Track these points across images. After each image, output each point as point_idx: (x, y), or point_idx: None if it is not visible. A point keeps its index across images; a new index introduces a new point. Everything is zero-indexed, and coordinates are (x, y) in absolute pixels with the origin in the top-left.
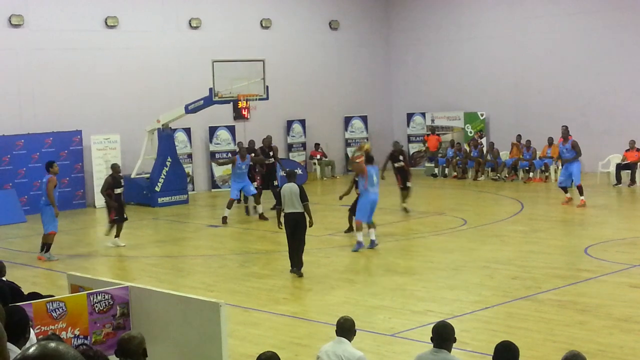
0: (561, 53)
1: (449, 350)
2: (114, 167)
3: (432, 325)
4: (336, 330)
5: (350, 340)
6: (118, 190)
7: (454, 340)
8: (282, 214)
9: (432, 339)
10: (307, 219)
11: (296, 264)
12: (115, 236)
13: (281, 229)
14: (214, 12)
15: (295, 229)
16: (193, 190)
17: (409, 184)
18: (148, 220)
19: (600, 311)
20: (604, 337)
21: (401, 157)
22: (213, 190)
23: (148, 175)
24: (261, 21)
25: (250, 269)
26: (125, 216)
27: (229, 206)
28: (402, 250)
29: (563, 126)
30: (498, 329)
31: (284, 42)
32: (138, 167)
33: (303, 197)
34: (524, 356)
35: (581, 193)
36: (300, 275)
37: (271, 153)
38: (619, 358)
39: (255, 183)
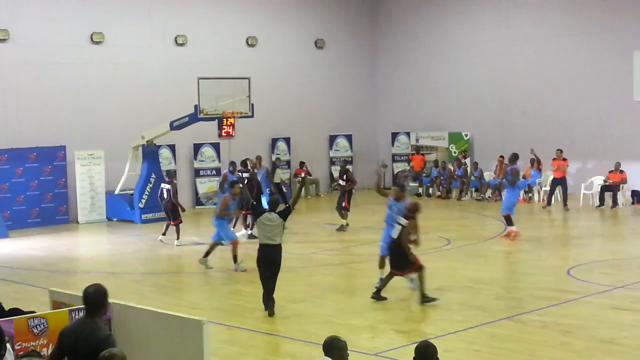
0: (546, 74)
1: None
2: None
3: (414, 345)
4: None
5: None
6: None
7: None
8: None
9: (414, 359)
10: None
11: (268, 303)
12: (177, 238)
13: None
14: (201, 29)
15: (273, 263)
16: None
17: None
18: (132, 236)
19: (583, 332)
20: (586, 358)
21: (344, 177)
22: (197, 207)
23: (132, 191)
24: (247, 39)
25: (234, 287)
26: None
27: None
28: (386, 269)
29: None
30: (481, 349)
31: (270, 60)
32: (122, 183)
33: (285, 215)
34: None
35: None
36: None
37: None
38: None
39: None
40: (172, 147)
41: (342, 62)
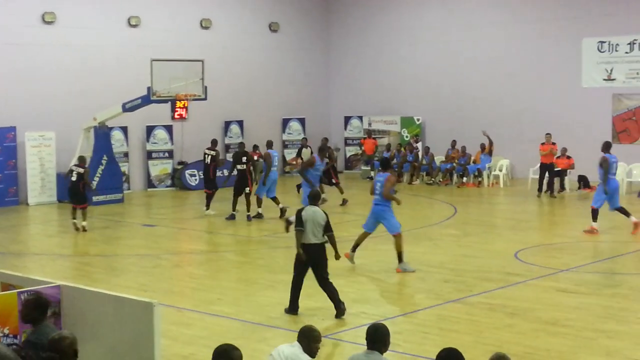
0: (497, 61)
1: (382, 352)
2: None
3: (365, 327)
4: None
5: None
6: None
7: (388, 343)
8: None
9: (366, 340)
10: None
11: (339, 306)
12: (84, 220)
13: (301, 259)
14: (154, 10)
15: (316, 263)
16: (129, 189)
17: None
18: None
19: (529, 314)
20: (532, 339)
21: (244, 159)
22: (149, 189)
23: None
24: (201, 21)
25: (185, 269)
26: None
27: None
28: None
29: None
30: (429, 331)
31: (224, 42)
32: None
33: (328, 227)
34: None
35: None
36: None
37: (244, 159)
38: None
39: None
40: (124, 129)
41: (296, 45)
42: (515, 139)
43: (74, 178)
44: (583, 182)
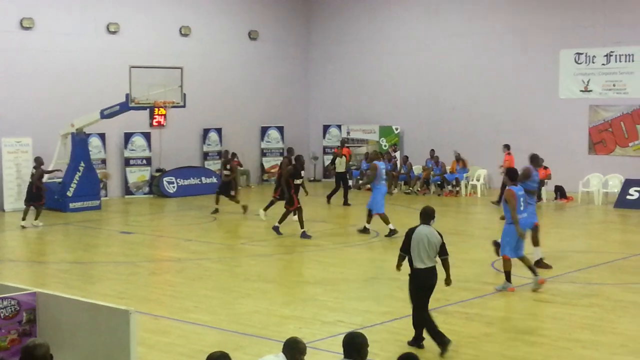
0: (475, 71)
1: None
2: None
3: (341, 336)
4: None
5: None
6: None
7: (366, 352)
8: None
9: (343, 349)
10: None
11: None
12: (36, 218)
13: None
14: (133, 17)
15: (431, 290)
16: (106, 196)
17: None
18: (59, 225)
19: (506, 324)
20: (509, 349)
21: (228, 166)
22: (126, 196)
23: (60, 179)
24: (180, 28)
25: (162, 277)
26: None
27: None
28: (315, 260)
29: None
30: (406, 340)
31: (203, 50)
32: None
33: (443, 249)
34: None
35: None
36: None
37: (228, 166)
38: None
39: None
40: (102, 136)
41: (275, 54)
42: (493, 149)
43: (29, 178)
44: (560, 192)
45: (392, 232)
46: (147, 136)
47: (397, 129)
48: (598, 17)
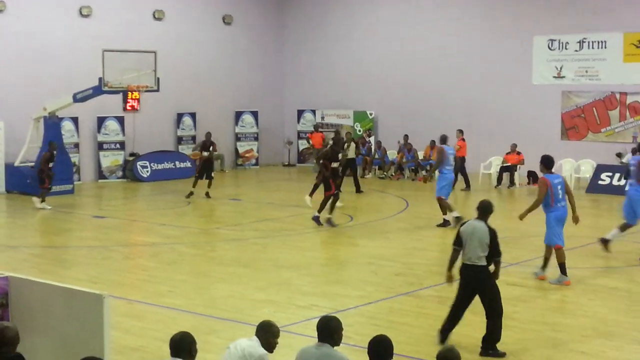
0: (450, 57)
1: (334, 345)
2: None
3: (316, 320)
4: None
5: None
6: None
7: (340, 335)
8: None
9: (317, 332)
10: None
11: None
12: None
13: (451, 281)
14: (106, 1)
15: (482, 290)
16: (79, 180)
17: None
18: (31, 209)
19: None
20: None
21: (211, 148)
22: (100, 180)
23: (32, 163)
24: (154, 12)
25: (136, 261)
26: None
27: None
28: (289, 245)
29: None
30: (380, 324)
31: (177, 34)
32: (22, 155)
33: (494, 250)
34: (405, 351)
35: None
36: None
37: (211, 147)
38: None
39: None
40: (75, 120)
41: (250, 38)
42: (466, 134)
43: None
44: (532, 177)
45: (445, 223)
46: (120, 120)
47: (371, 114)
48: (571, 3)
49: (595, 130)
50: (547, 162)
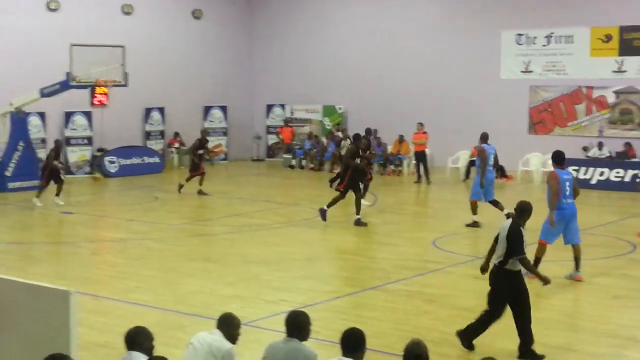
0: (419, 52)
1: (302, 340)
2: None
3: (284, 315)
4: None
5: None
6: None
7: (308, 330)
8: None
9: (285, 327)
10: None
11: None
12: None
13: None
14: None
15: (493, 290)
16: None
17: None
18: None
19: (445, 301)
20: (448, 326)
21: (206, 146)
22: (67, 176)
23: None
24: (122, 6)
25: (103, 257)
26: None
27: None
28: (258, 240)
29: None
30: (349, 318)
31: (145, 28)
32: None
33: (513, 248)
34: (373, 345)
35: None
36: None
37: (206, 145)
38: (461, 346)
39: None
40: (42, 115)
41: (219, 33)
42: (435, 128)
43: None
44: (500, 171)
45: (475, 224)
46: (88, 115)
47: (340, 109)
48: None
49: (562, 125)
50: (557, 158)
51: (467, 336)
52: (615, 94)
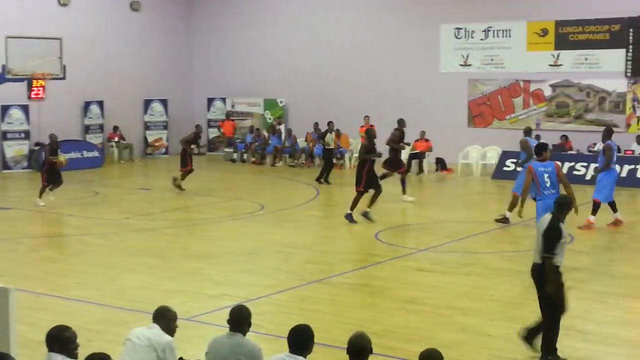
0: (359, 45)
1: (244, 334)
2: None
3: (227, 309)
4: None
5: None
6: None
7: (249, 324)
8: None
9: (228, 321)
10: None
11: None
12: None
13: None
14: None
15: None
16: None
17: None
18: None
19: (388, 293)
20: (391, 318)
21: (199, 141)
22: (4, 171)
23: None
24: None
25: (42, 253)
26: None
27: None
28: (199, 234)
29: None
30: (292, 312)
31: (83, 20)
32: None
33: (545, 244)
34: (317, 338)
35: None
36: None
37: (199, 141)
38: (404, 337)
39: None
40: None
41: (158, 25)
42: (375, 122)
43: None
44: (440, 164)
45: (505, 220)
46: (25, 109)
47: (281, 102)
48: None
49: (500, 118)
50: (536, 150)
51: (547, 346)
52: (552, 88)
